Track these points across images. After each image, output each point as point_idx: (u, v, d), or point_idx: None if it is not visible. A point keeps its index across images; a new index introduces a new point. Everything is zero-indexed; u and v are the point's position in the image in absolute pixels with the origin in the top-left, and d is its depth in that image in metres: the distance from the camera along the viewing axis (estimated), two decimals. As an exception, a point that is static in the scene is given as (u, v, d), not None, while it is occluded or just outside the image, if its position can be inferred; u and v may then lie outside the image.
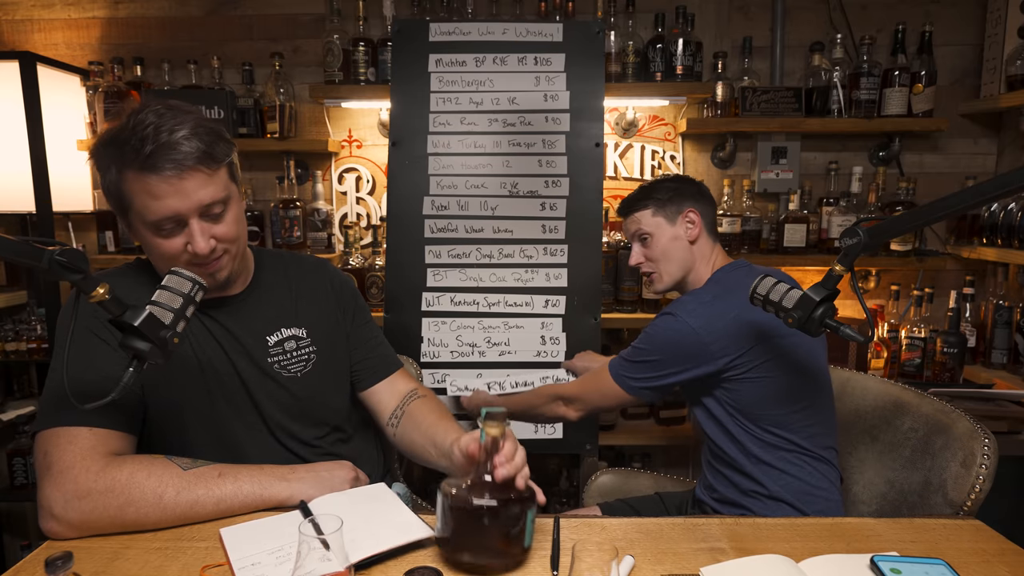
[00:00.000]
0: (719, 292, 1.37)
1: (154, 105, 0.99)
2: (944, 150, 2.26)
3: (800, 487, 1.31)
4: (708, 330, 1.31)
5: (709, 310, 1.33)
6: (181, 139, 0.97)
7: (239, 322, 1.15)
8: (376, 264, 2.17)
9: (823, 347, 1.42)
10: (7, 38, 2.31)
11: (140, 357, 0.87)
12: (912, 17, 2.15)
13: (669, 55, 2.09)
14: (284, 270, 1.25)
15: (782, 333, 1.31)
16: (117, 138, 0.97)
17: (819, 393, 1.36)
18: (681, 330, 1.33)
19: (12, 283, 2.33)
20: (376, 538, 0.92)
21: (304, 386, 1.18)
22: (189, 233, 1.01)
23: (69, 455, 0.95)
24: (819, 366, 1.37)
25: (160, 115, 0.97)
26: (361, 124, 2.31)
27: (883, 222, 1.00)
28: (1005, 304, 2.02)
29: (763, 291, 1.10)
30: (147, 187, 0.97)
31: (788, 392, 1.32)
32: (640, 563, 0.91)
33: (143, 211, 0.99)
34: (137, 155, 0.95)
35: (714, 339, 1.30)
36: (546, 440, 1.96)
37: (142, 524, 0.96)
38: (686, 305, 1.36)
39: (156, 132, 0.96)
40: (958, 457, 1.15)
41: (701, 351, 1.31)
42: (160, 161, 0.96)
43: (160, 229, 1.00)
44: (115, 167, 0.98)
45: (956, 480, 1.14)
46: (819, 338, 1.33)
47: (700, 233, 1.47)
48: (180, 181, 0.97)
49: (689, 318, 1.33)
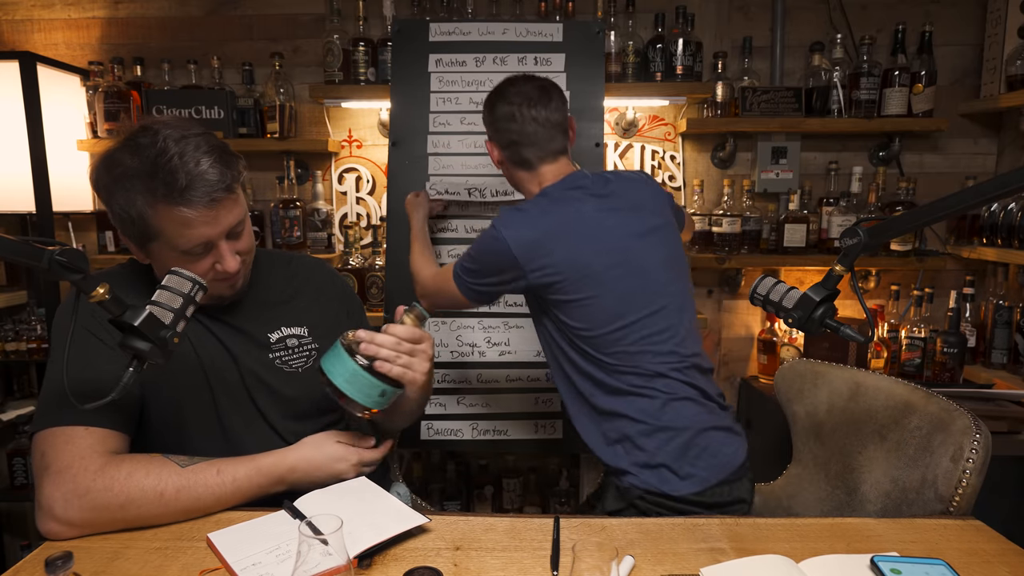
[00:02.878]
0: (544, 205, 1.38)
1: (162, 129, 0.98)
2: (944, 150, 2.26)
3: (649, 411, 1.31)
4: (518, 242, 1.32)
5: (524, 220, 1.35)
6: (208, 168, 0.97)
7: (240, 320, 1.15)
8: (376, 264, 2.17)
9: (662, 247, 1.40)
10: (7, 38, 2.31)
11: (140, 357, 0.87)
12: (912, 17, 2.15)
13: (669, 55, 2.10)
14: (283, 269, 1.26)
15: (599, 251, 1.33)
16: (140, 170, 0.96)
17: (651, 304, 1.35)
18: (496, 238, 1.33)
19: (12, 283, 2.33)
20: (375, 528, 0.93)
21: (304, 382, 1.18)
22: (218, 254, 1.03)
23: (67, 455, 0.95)
24: (653, 277, 1.37)
25: (178, 141, 0.97)
26: (361, 124, 2.31)
27: (883, 222, 1.00)
28: (1005, 304, 2.02)
29: (763, 291, 1.10)
30: (180, 218, 0.97)
31: (615, 310, 1.32)
32: (640, 563, 0.91)
33: (174, 240, 0.99)
34: (170, 189, 0.95)
35: (523, 252, 1.31)
36: (546, 440, 1.96)
37: (143, 522, 0.97)
38: (505, 215, 1.37)
39: (183, 162, 0.96)
40: (949, 452, 1.15)
41: (512, 263, 1.33)
42: (195, 195, 0.96)
43: (190, 254, 1.01)
44: (142, 199, 0.97)
45: (946, 475, 1.14)
46: (656, 241, 1.38)
47: (501, 162, 1.49)
48: (214, 211, 0.99)
49: (504, 229, 1.33)
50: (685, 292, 1.43)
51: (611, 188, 1.42)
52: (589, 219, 1.36)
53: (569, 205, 1.37)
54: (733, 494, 1.33)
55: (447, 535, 0.99)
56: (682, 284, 1.42)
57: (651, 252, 1.38)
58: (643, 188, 1.47)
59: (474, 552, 0.94)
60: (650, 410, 1.31)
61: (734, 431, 1.38)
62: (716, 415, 1.36)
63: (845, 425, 1.41)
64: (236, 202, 1.03)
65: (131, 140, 0.98)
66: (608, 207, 1.38)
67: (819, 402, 1.47)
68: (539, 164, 1.44)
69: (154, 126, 0.99)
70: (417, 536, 0.98)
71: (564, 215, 1.35)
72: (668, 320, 1.35)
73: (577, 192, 1.39)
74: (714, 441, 1.32)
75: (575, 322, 1.34)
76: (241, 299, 1.16)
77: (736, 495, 1.34)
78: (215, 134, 1.04)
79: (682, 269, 1.45)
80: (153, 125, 0.99)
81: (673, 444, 1.30)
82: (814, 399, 1.48)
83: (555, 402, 1.96)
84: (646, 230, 1.39)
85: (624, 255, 1.35)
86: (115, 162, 0.98)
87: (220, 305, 1.14)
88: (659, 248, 1.40)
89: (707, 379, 1.40)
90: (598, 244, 1.34)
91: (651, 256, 1.38)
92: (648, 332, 1.33)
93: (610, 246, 1.34)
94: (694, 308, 1.45)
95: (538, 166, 1.44)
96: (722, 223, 2.14)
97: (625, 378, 1.32)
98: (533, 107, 1.41)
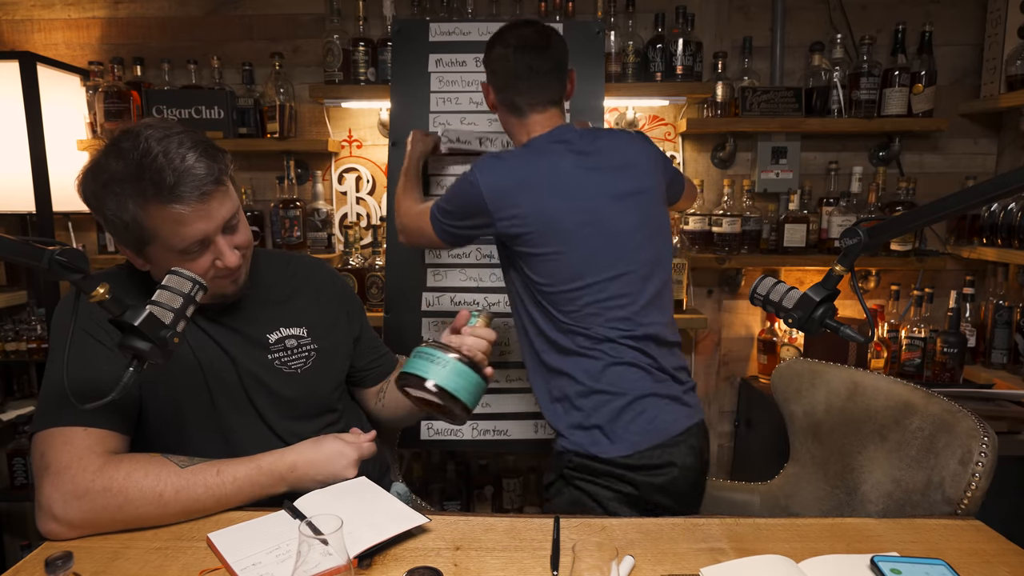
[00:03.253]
0: (523, 156, 1.37)
1: (143, 131, 0.97)
2: (944, 150, 2.26)
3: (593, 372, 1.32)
4: (490, 189, 1.31)
5: (500, 168, 1.34)
6: (195, 163, 0.97)
7: (239, 321, 1.15)
8: (376, 264, 2.17)
9: (636, 211, 1.37)
10: (7, 38, 2.31)
11: (140, 357, 0.87)
12: (912, 17, 2.15)
13: (669, 55, 2.10)
14: (282, 269, 1.26)
15: (570, 208, 1.32)
16: (126, 173, 0.95)
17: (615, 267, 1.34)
18: (471, 183, 1.33)
19: (12, 283, 2.33)
20: (375, 528, 0.93)
21: (303, 382, 1.19)
22: (216, 250, 1.03)
23: (66, 455, 0.95)
24: (620, 242, 1.35)
25: (160, 140, 0.96)
26: (361, 124, 2.31)
27: (883, 222, 1.00)
28: (1005, 304, 2.02)
29: (763, 291, 1.10)
30: (173, 216, 0.96)
31: (576, 269, 1.32)
32: (640, 563, 0.91)
33: (170, 240, 0.98)
34: (159, 188, 0.94)
35: (493, 198, 1.31)
36: (546, 440, 1.96)
37: (142, 522, 0.97)
38: (483, 161, 1.36)
39: (168, 160, 0.95)
40: (957, 455, 1.15)
41: (481, 209, 1.32)
42: (184, 189, 0.95)
43: (187, 253, 1.00)
44: (133, 203, 0.96)
45: (954, 478, 1.14)
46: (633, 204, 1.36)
47: (495, 105, 1.46)
48: (205, 204, 0.98)
49: (479, 174, 1.33)
50: (658, 262, 1.39)
51: (598, 145, 1.39)
52: (565, 175, 1.34)
53: (547, 158, 1.35)
54: (664, 457, 1.30)
55: (447, 535, 0.99)
56: (654, 252, 1.39)
57: (625, 215, 1.35)
58: (634, 147, 1.43)
59: (474, 552, 0.94)
60: (592, 371, 1.31)
61: (682, 402, 1.36)
62: (663, 384, 1.34)
63: (844, 425, 1.41)
64: (227, 195, 1.02)
65: (113, 145, 0.98)
66: (588, 165, 1.36)
67: (817, 402, 1.47)
68: (529, 112, 1.41)
69: (135, 128, 0.98)
70: (417, 536, 0.98)
71: (540, 168, 1.34)
72: (629, 287, 1.34)
73: (560, 146, 1.37)
74: (652, 407, 1.31)
75: (538, 276, 1.33)
76: (241, 299, 1.16)
77: (668, 459, 1.30)
78: (198, 131, 1.03)
79: (659, 237, 1.41)
80: (134, 128, 0.98)
81: (609, 407, 1.30)
82: (812, 399, 1.48)
83: (555, 402, 1.96)
84: (626, 192, 1.36)
85: (595, 215, 1.33)
86: (101, 168, 0.97)
87: (222, 304, 1.13)
88: (633, 212, 1.36)
89: (666, 351, 1.38)
90: (570, 201, 1.32)
91: (624, 219, 1.35)
92: (604, 296, 1.32)
93: (582, 205, 1.33)
94: (668, 279, 1.42)
95: (528, 114, 1.41)
96: (722, 223, 2.14)
97: (575, 338, 1.33)
98: (528, 52, 1.38)
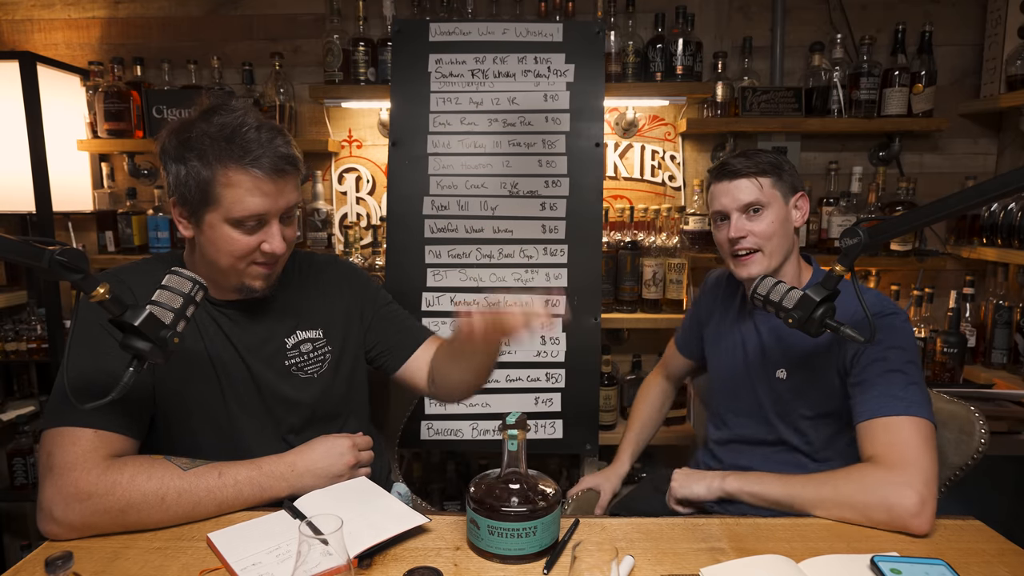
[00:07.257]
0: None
1: (238, 107, 1.03)
2: (944, 150, 2.26)
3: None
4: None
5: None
6: (280, 145, 1.02)
7: (255, 323, 1.15)
8: (376, 264, 2.17)
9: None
10: (7, 38, 2.31)
11: (140, 357, 0.87)
12: (912, 17, 2.15)
13: (669, 55, 2.09)
14: (297, 269, 1.25)
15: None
16: (218, 135, 0.99)
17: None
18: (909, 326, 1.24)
19: (12, 283, 2.33)
20: (375, 528, 0.93)
21: (318, 387, 1.19)
22: (268, 232, 1.04)
23: (71, 456, 0.95)
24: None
25: (257, 118, 1.03)
26: (361, 124, 2.31)
27: (883, 222, 1.00)
28: (1005, 304, 2.02)
29: (763, 291, 1.10)
30: (247, 182, 1.00)
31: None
32: (640, 563, 0.91)
33: (233, 205, 1.00)
34: (245, 152, 0.99)
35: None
36: (546, 440, 1.96)
37: (143, 525, 0.97)
38: (891, 304, 1.25)
39: (258, 135, 1.01)
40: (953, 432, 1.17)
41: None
42: (266, 160, 1.00)
43: (242, 225, 1.02)
44: (214, 158, 0.99)
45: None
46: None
47: (802, 225, 1.34)
48: (280, 181, 1.02)
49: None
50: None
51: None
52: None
53: None
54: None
55: (447, 535, 0.99)
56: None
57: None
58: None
59: (474, 552, 0.94)
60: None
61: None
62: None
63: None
64: (295, 186, 1.07)
65: (212, 111, 1.02)
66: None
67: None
68: None
69: (234, 104, 1.04)
70: (417, 536, 0.98)
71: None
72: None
73: None
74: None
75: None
76: (263, 300, 1.15)
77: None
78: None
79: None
80: (232, 104, 1.04)
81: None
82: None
83: (555, 402, 1.96)
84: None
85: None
86: (191, 126, 1.02)
87: (246, 302, 1.13)
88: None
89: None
90: None
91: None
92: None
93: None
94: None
95: None
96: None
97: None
98: None
